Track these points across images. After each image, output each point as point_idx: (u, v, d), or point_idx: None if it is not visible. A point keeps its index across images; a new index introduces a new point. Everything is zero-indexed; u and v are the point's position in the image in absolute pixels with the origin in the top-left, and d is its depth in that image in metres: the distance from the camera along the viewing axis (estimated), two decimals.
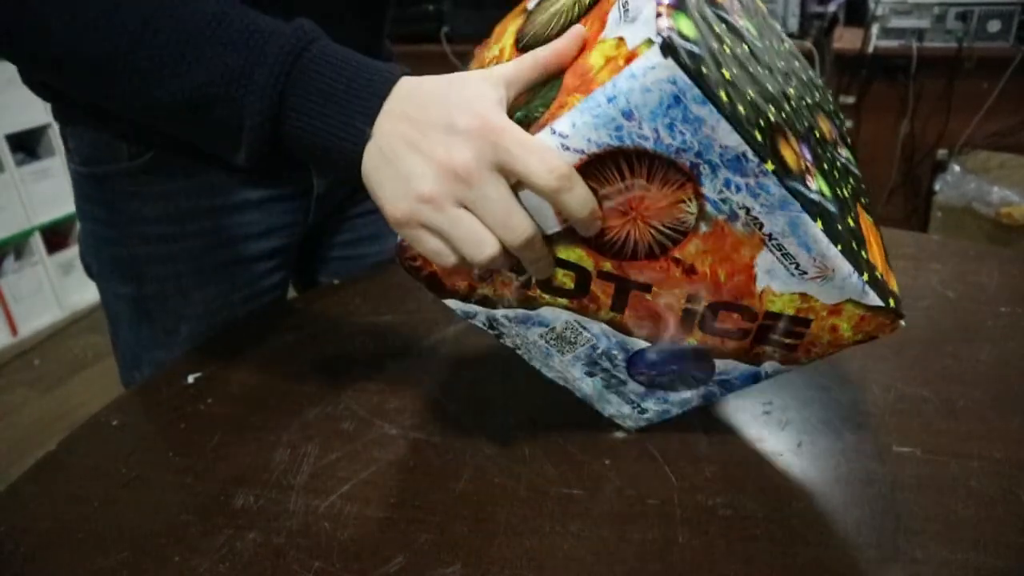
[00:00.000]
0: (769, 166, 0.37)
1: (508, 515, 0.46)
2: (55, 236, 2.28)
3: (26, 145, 2.18)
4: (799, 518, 0.45)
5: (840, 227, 0.41)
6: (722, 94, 0.35)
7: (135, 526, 0.47)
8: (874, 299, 0.41)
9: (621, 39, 0.37)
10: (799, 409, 0.54)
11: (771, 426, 0.52)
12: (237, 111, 0.43)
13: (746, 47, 0.42)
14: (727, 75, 0.37)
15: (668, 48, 0.33)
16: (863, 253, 0.43)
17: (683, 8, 0.37)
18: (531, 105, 0.41)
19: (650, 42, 0.34)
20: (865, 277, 0.41)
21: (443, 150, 0.38)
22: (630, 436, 0.52)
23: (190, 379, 0.62)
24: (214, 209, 0.67)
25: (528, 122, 0.39)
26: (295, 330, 0.69)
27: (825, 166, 0.45)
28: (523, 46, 0.46)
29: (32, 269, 2.22)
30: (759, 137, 0.37)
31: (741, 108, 0.36)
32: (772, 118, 0.40)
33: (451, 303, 0.46)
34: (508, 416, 0.55)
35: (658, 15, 0.35)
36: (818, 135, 0.47)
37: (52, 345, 2.22)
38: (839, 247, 0.40)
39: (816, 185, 0.41)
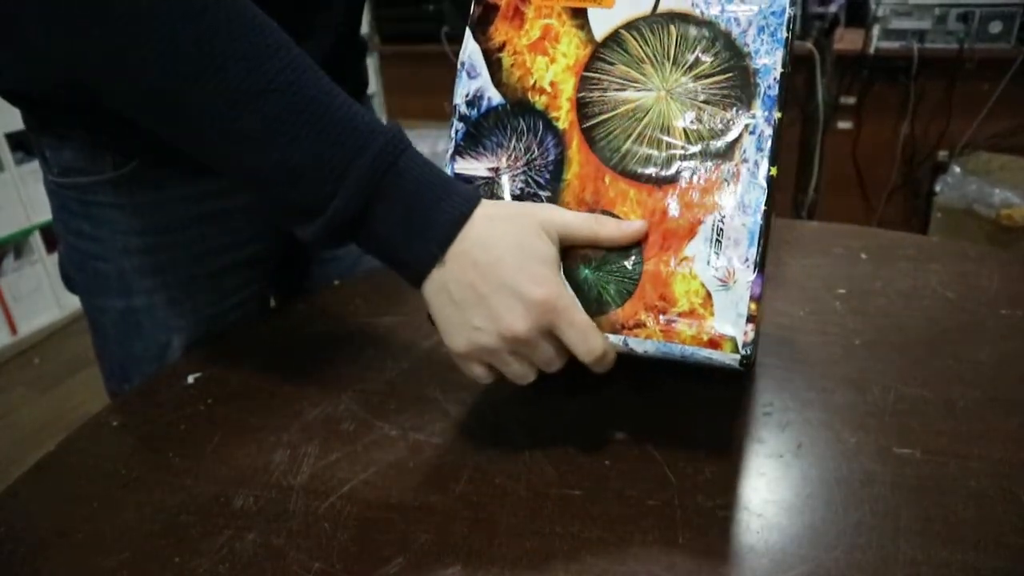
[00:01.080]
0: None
1: (508, 516, 0.46)
2: (55, 235, 2.28)
3: (26, 145, 2.18)
4: (799, 519, 0.45)
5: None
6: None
7: (135, 527, 0.47)
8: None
9: (709, 298, 0.43)
10: (799, 410, 0.54)
11: (771, 427, 0.52)
12: (322, 201, 0.44)
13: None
14: None
15: (743, 364, 0.43)
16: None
17: (762, 303, 0.44)
18: (599, 274, 0.46)
19: (734, 346, 0.43)
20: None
21: (508, 316, 0.43)
22: (630, 437, 0.52)
23: (190, 379, 0.62)
24: (202, 217, 0.66)
25: (592, 294, 0.46)
26: (295, 330, 0.69)
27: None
28: (586, 123, 0.47)
29: (31, 268, 2.22)
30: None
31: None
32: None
33: None
34: (508, 416, 0.55)
35: (749, 315, 0.42)
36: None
37: (52, 344, 2.22)
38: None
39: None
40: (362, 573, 0.42)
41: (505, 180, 0.49)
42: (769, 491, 0.47)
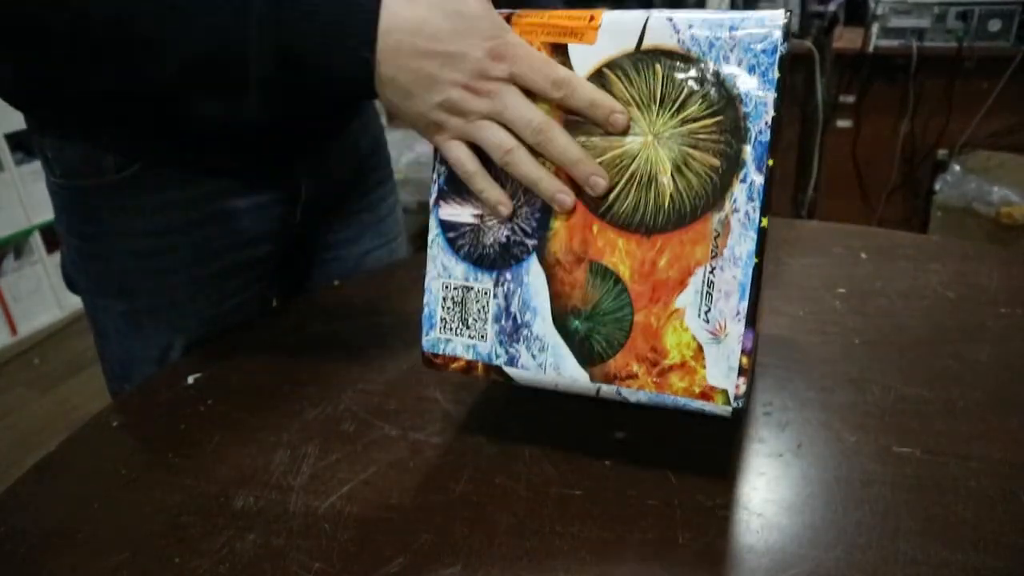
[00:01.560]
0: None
1: (508, 515, 0.46)
2: (55, 236, 2.26)
3: (26, 145, 2.18)
4: (799, 519, 0.45)
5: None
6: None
7: (135, 527, 0.47)
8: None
9: (700, 351, 0.43)
10: (799, 410, 0.54)
11: (771, 427, 0.52)
12: (241, 69, 0.46)
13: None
14: None
15: (735, 414, 0.43)
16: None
17: (754, 353, 0.45)
18: (589, 324, 0.45)
19: (726, 399, 0.43)
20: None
21: (462, 76, 0.44)
22: (630, 436, 0.52)
23: (190, 379, 0.62)
24: (204, 219, 0.66)
25: (583, 345, 0.45)
26: (295, 331, 0.69)
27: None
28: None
29: (32, 268, 2.22)
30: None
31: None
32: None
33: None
34: (508, 416, 0.55)
35: (741, 368, 0.42)
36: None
37: (52, 345, 2.22)
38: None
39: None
40: (362, 573, 0.42)
41: (490, 227, 0.48)
42: (769, 490, 0.47)
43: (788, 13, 0.41)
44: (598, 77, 0.45)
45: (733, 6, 2.24)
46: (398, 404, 0.57)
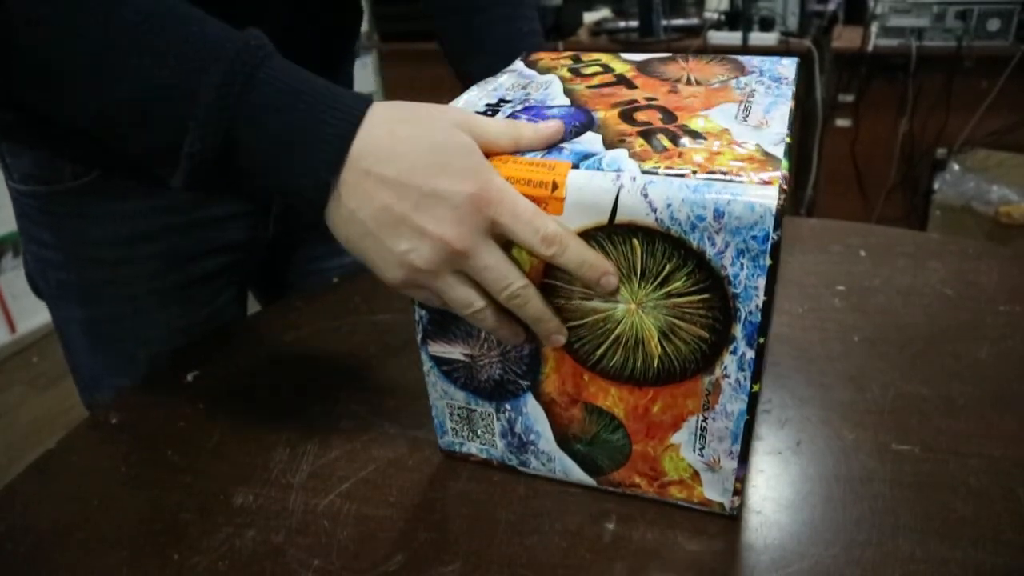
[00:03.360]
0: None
1: (508, 514, 0.46)
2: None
3: None
4: (798, 516, 0.45)
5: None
6: None
7: (134, 525, 0.47)
8: (779, 154, 0.38)
9: (697, 475, 0.44)
10: (798, 407, 0.54)
11: (770, 424, 0.52)
12: (176, 139, 0.37)
13: None
14: None
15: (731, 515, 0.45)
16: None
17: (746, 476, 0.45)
18: (591, 448, 0.46)
19: (723, 508, 0.44)
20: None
21: (435, 226, 0.37)
22: None
23: (189, 378, 0.62)
24: (170, 229, 0.64)
25: (586, 460, 0.46)
26: (295, 329, 0.69)
27: None
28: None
29: None
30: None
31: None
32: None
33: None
34: None
35: (735, 489, 0.43)
36: None
37: (51, 343, 2.22)
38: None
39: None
40: (361, 571, 0.42)
41: (483, 365, 0.46)
42: (768, 488, 0.47)
43: (782, 195, 0.35)
44: None
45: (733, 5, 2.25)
46: (397, 402, 0.57)
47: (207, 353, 0.66)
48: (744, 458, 0.42)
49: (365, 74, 3.07)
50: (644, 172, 0.37)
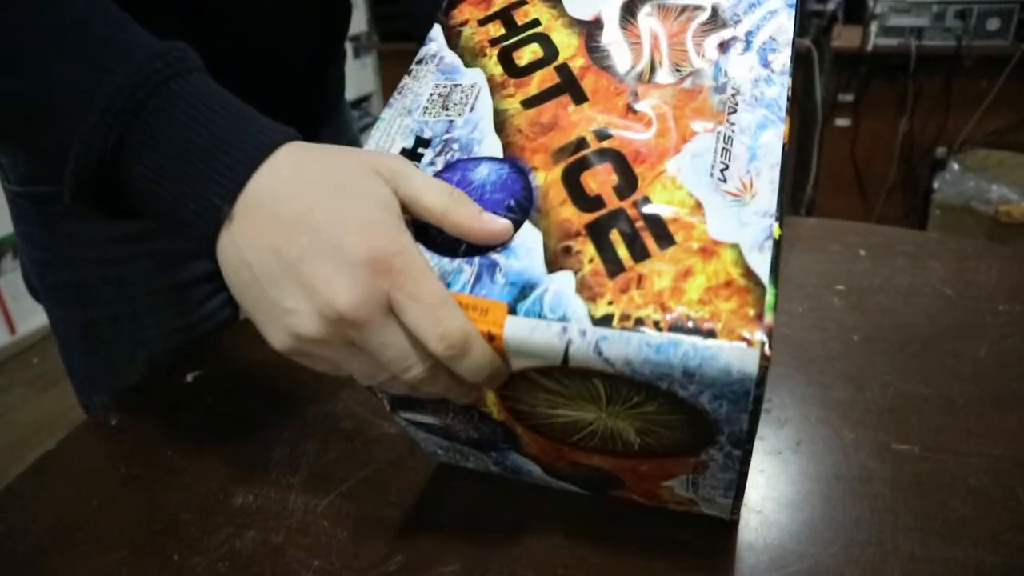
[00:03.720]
0: (790, 69, 0.36)
1: (507, 514, 0.46)
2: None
3: None
4: (798, 516, 0.45)
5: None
6: None
7: (134, 525, 0.47)
8: (762, 265, 0.31)
9: (694, 503, 0.42)
10: (798, 407, 0.54)
11: (770, 424, 0.52)
12: (66, 141, 0.33)
13: None
14: None
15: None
16: None
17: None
18: (591, 487, 0.44)
19: (722, 520, 0.43)
20: (776, 232, 0.32)
21: (324, 285, 0.31)
22: None
23: (189, 377, 0.62)
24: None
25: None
26: None
27: None
28: (524, 422, 0.38)
29: None
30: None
31: None
32: None
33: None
34: None
35: (734, 507, 0.41)
36: None
37: (50, 344, 2.21)
38: (779, 182, 0.34)
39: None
40: (361, 571, 0.42)
41: (457, 430, 0.41)
42: (768, 488, 0.47)
43: (765, 361, 0.29)
44: (522, 377, 0.34)
45: None
46: None
47: (207, 353, 0.66)
48: (740, 494, 0.40)
49: (365, 74, 3.07)
50: (596, 323, 0.31)
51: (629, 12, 0.41)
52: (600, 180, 0.35)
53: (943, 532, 0.43)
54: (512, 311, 0.32)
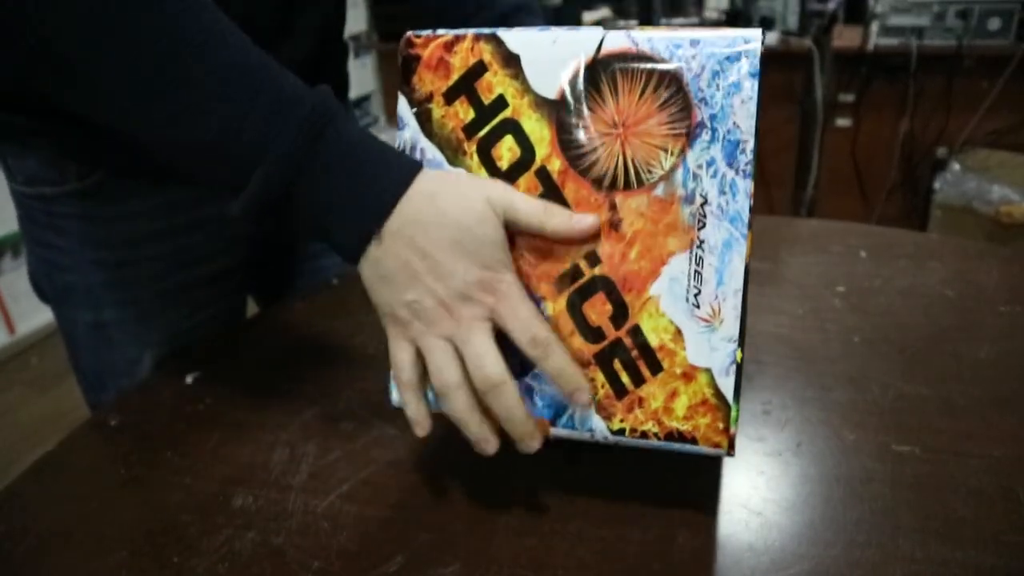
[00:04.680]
0: (752, 168, 0.40)
1: (508, 515, 0.46)
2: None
3: None
4: (799, 517, 0.45)
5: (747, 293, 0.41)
6: None
7: (134, 526, 0.47)
8: (728, 388, 0.41)
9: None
10: (798, 408, 0.54)
11: (770, 426, 0.52)
12: (244, 178, 0.41)
13: None
14: None
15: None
16: (741, 351, 0.42)
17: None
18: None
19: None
20: (738, 356, 0.41)
21: (444, 292, 0.41)
22: None
23: (189, 379, 0.62)
24: (171, 230, 0.64)
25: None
26: (294, 330, 0.69)
27: None
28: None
29: None
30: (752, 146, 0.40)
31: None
32: None
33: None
34: None
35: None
36: None
37: (50, 344, 2.22)
38: (742, 304, 0.40)
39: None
40: (361, 572, 0.42)
41: None
42: (768, 489, 0.47)
43: (729, 454, 0.42)
44: None
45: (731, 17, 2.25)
46: None
47: (207, 354, 0.66)
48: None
49: (365, 74, 3.07)
50: (614, 435, 0.43)
51: (592, 84, 0.41)
52: (598, 311, 0.42)
53: (944, 533, 0.43)
54: (553, 424, 0.44)
